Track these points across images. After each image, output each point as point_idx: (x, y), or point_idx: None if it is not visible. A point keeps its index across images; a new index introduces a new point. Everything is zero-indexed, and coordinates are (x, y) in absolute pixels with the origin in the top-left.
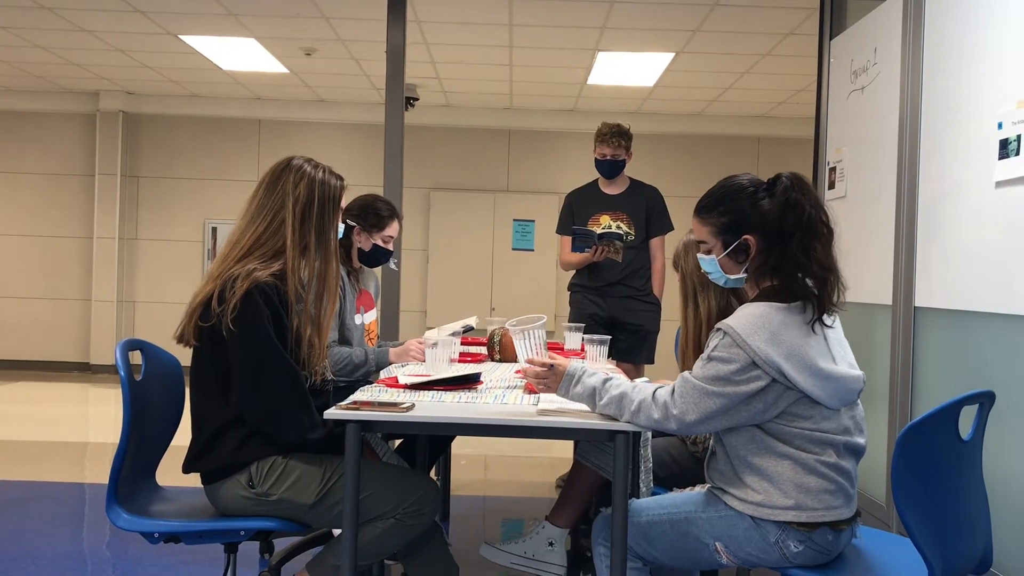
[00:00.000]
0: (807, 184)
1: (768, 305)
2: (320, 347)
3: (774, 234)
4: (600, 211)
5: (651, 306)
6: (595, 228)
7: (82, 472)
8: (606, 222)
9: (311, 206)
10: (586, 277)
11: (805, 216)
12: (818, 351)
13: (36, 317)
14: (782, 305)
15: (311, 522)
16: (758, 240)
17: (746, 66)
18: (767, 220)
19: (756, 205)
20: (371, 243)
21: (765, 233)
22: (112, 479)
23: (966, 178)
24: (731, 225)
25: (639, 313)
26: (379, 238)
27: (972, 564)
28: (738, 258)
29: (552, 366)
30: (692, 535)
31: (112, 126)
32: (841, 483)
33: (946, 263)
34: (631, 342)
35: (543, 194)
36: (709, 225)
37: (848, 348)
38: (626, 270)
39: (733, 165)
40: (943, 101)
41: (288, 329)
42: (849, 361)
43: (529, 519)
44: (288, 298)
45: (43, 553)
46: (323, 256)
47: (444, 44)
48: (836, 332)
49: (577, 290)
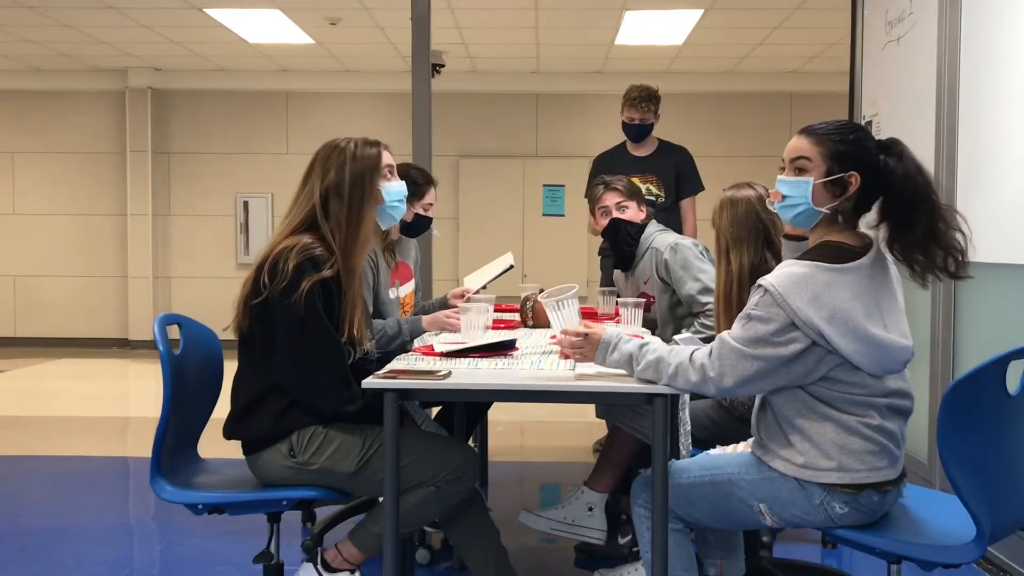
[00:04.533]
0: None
1: (814, 265)
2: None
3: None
4: (629, 174)
5: None
6: None
7: (125, 446)
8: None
9: (342, 185)
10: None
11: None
12: (867, 315)
13: (75, 295)
14: (830, 266)
15: (352, 491)
16: (861, 184)
17: (777, 20)
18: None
19: (878, 156)
20: (412, 213)
21: (873, 184)
22: (155, 452)
23: (1007, 129)
24: (845, 156)
25: None
26: (419, 207)
27: (1022, 521)
28: (834, 191)
29: (587, 335)
30: (735, 496)
31: (141, 103)
32: (885, 444)
33: (988, 216)
34: None
35: (572, 158)
36: (822, 146)
37: (904, 317)
38: None
39: (766, 123)
40: (982, 50)
41: (337, 304)
42: (901, 330)
43: (567, 484)
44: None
45: (89, 526)
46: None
47: (469, 9)
48: (890, 297)
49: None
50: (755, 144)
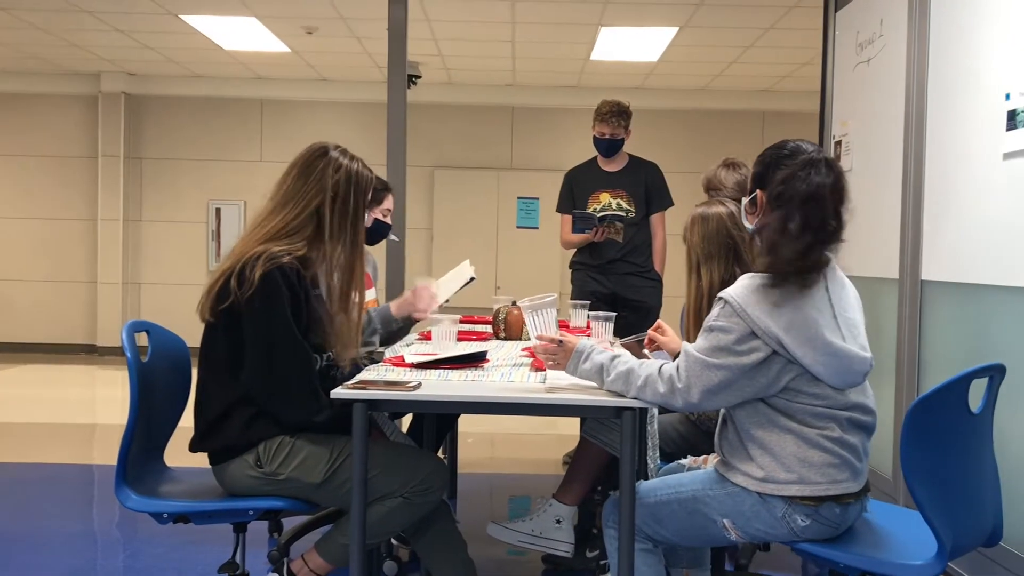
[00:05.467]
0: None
1: (771, 276)
2: (351, 336)
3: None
4: (600, 188)
5: (652, 282)
6: (595, 205)
7: (90, 454)
8: (606, 199)
9: (348, 198)
10: (587, 255)
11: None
12: (825, 325)
13: (42, 300)
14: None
15: (319, 501)
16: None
17: (750, 39)
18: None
19: (775, 168)
20: (371, 218)
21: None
22: (120, 460)
23: (973, 150)
24: (756, 176)
25: (641, 289)
26: (378, 212)
27: (982, 537)
28: (750, 209)
29: (561, 343)
30: (700, 513)
31: (114, 107)
32: (846, 457)
33: (953, 236)
34: (633, 319)
35: (547, 171)
36: (753, 170)
37: (862, 331)
38: (627, 247)
39: (738, 140)
40: (950, 73)
41: (304, 312)
42: (860, 343)
43: (536, 497)
44: (307, 283)
45: (54, 534)
46: (354, 248)
47: (446, 20)
48: (849, 312)
49: (579, 268)
50: None
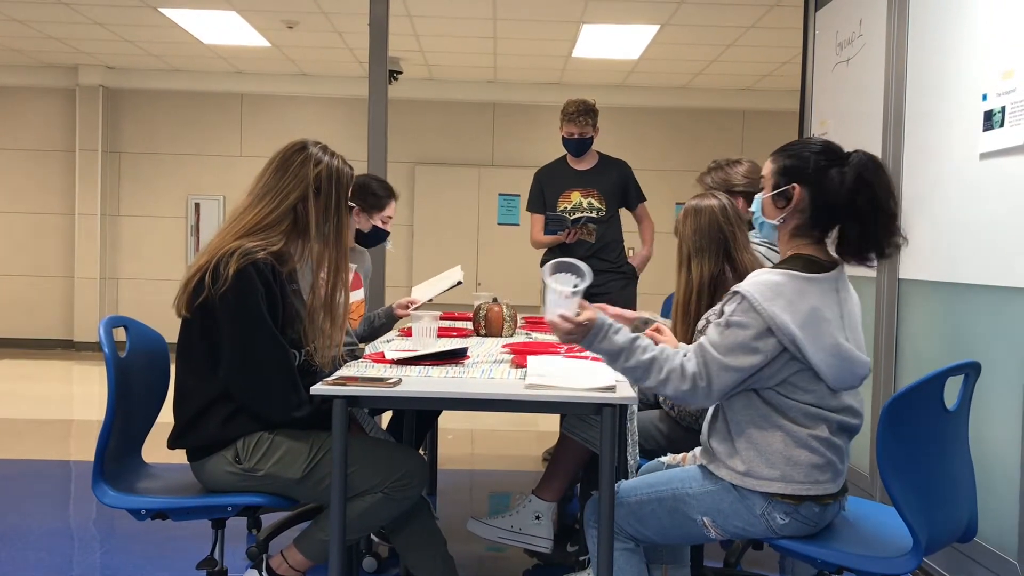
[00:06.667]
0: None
1: (786, 273)
2: (333, 336)
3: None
4: (570, 187)
5: (621, 276)
6: (565, 204)
7: (67, 450)
8: (576, 198)
9: (329, 194)
10: (558, 254)
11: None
12: (836, 326)
13: (18, 294)
14: (801, 275)
15: (298, 497)
16: (804, 194)
17: (732, 38)
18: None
19: (820, 166)
20: (370, 224)
21: (818, 195)
22: (98, 456)
23: (950, 150)
24: (787, 170)
25: (608, 283)
26: (378, 219)
27: (957, 533)
28: (778, 203)
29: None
30: (680, 512)
31: (92, 101)
32: (831, 459)
33: (931, 235)
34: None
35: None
36: (774, 163)
37: (861, 334)
38: (597, 244)
39: (718, 138)
40: (928, 73)
41: (280, 308)
42: (860, 346)
43: (516, 493)
44: (283, 279)
45: (30, 530)
46: (338, 246)
47: (427, 16)
48: (854, 315)
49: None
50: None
